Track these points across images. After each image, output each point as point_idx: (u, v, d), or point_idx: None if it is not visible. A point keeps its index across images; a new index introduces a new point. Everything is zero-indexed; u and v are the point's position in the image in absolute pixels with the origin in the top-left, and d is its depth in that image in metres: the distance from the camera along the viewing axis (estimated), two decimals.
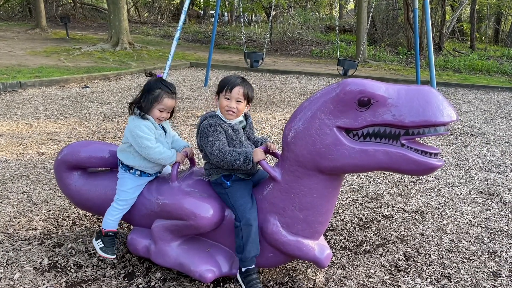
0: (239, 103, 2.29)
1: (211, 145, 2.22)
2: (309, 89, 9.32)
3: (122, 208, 2.46)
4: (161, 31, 22.14)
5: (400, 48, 17.00)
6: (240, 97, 2.28)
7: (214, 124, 2.25)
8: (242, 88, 2.28)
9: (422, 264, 2.71)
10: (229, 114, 2.29)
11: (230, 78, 2.32)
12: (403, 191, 3.87)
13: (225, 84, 2.28)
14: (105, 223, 2.48)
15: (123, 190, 2.45)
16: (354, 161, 2.03)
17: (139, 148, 2.35)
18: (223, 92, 2.28)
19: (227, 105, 2.26)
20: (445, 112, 1.92)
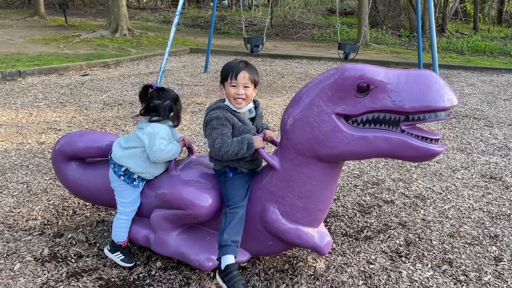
0: (247, 88, 2.19)
1: (214, 138, 2.16)
2: (310, 74, 9.23)
3: (129, 218, 2.46)
4: (161, 17, 21.92)
5: (403, 30, 16.79)
6: (246, 82, 2.18)
7: (220, 117, 2.16)
8: (247, 72, 2.18)
9: (423, 249, 2.70)
10: (238, 102, 2.19)
11: (233, 64, 2.22)
12: (404, 176, 3.84)
13: (229, 71, 2.18)
14: (117, 236, 2.45)
15: (128, 202, 2.43)
16: (354, 148, 2.00)
17: (154, 151, 2.28)
18: (228, 80, 2.17)
19: (235, 93, 2.17)
20: (446, 96, 1.88)
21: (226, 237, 2.15)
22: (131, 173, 2.38)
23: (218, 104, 2.24)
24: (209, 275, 2.39)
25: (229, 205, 2.20)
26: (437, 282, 2.37)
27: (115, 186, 2.44)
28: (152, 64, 9.83)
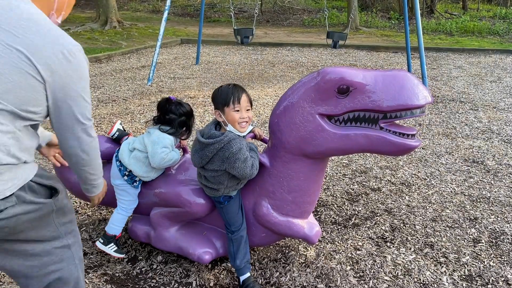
0: (248, 111, 2.23)
1: (251, 164, 2.19)
2: (301, 62, 9.34)
3: (129, 214, 2.62)
4: (150, 6, 21.78)
5: (392, 13, 16.84)
6: (248, 105, 2.22)
7: (242, 147, 2.15)
8: (247, 95, 2.23)
9: (407, 234, 2.88)
10: (242, 125, 2.20)
11: (228, 89, 2.22)
12: (391, 164, 4.02)
13: (229, 97, 2.17)
14: (112, 229, 2.59)
15: (130, 200, 2.59)
16: (337, 145, 2.16)
17: (156, 159, 2.42)
18: (230, 106, 2.16)
19: (240, 117, 2.17)
20: (420, 95, 2.03)
21: (239, 262, 2.36)
22: (134, 175, 2.53)
23: (230, 136, 2.15)
24: (207, 267, 2.56)
25: (232, 231, 2.36)
26: (419, 264, 2.56)
27: (117, 184, 2.57)
28: (144, 57, 9.89)
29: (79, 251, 1.79)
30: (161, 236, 2.57)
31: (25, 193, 1.46)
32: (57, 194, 1.57)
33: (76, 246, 1.77)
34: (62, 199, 1.62)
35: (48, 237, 1.63)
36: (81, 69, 1.49)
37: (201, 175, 2.31)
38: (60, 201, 1.60)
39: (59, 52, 1.42)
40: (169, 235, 2.56)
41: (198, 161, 2.23)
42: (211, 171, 2.22)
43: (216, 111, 2.23)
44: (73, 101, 1.48)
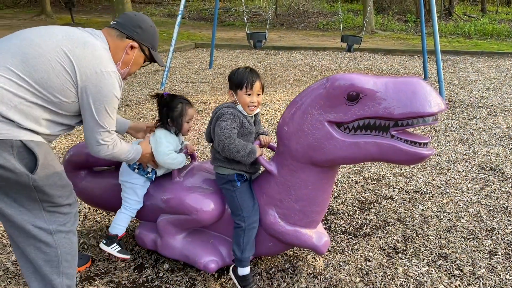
0: (259, 96, 2.37)
1: (224, 127, 2.24)
2: (315, 65, 9.27)
3: (133, 214, 2.59)
4: (166, 11, 21.97)
5: (409, 15, 16.63)
6: (259, 90, 2.35)
7: (233, 113, 2.29)
8: (260, 81, 2.35)
9: (420, 245, 2.79)
10: (251, 109, 2.35)
11: (244, 72, 2.35)
12: (404, 171, 3.92)
13: (243, 81, 2.31)
14: (116, 229, 2.57)
15: (134, 199, 2.56)
16: (346, 153, 2.10)
17: (158, 154, 2.45)
18: (243, 89, 2.31)
19: (250, 101, 2.32)
20: (433, 102, 1.96)
21: (247, 254, 2.33)
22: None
23: (230, 105, 2.37)
24: (214, 276, 2.52)
25: (244, 217, 2.30)
26: (432, 277, 2.47)
27: (124, 181, 2.57)
28: None
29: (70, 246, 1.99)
30: (167, 244, 2.54)
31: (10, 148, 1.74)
32: (36, 168, 1.80)
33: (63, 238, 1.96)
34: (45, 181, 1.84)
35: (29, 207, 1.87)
36: (110, 87, 1.94)
37: (213, 151, 2.41)
38: (40, 180, 1.82)
39: (98, 68, 1.91)
40: (175, 243, 2.53)
41: (207, 135, 2.44)
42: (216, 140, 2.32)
43: (230, 91, 2.38)
44: (97, 108, 1.93)
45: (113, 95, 1.96)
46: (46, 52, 1.83)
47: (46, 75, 1.81)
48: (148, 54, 2.26)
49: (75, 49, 1.88)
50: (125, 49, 2.13)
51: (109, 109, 1.96)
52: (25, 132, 1.80)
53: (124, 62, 2.17)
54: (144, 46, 2.22)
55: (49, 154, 1.91)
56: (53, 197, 1.90)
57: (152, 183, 2.61)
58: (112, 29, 2.15)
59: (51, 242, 1.92)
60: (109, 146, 2.07)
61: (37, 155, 1.81)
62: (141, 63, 2.27)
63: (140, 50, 2.21)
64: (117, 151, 2.14)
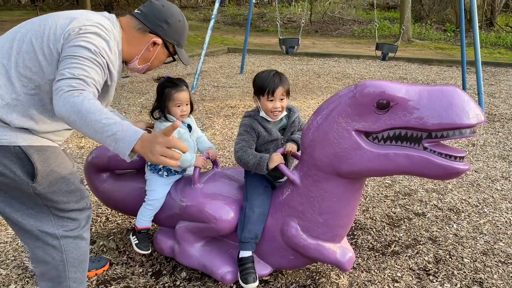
0: (282, 100, 2.31)
1: (237, 142, 2.33)
2: (348, 73, 9.08)
3: (152, 207, 2.53)
4: (201, 15, 22.24)
5: (448, 25, 16.13)
6: (283, 95, 2.30)
7: (247, 124, 2.32)
8: (282, 87, 2.29)
9: (453, 267, 2.60)
10: (275, 114, 2.32)
11: (267, 77, 2.30)
12: (438, 187, 3.71)
13: (265, 87, 2.27)
14: (138, 222, 2.56)
15: (152, 190, 2.52)
16: (374, 165, 1.96)
17: None
18: (265, 96, 2.28)
19: (273, 107, 2.29)
20: (471, 113, 1.80)
21: (247, 235, 2.27)
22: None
23: (250, 113, 2.39)
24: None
25: (247, 199, 2.32)
26: None
27: (146, 176, 2.57)
28: (190, 65, 9.98)
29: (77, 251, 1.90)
30: (185, 252, 2.47)
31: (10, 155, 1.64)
32: (36, 177, 1.70)
33: (71, 243, 1.87)
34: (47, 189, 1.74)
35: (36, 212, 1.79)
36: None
37: None
38: (43, 188, 1.72)
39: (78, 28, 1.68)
40: (193, 251, 2.46)
41: None
42: None
43: (254, 96, 2.37)
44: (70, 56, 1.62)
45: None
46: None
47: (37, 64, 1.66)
48: (172, 51, 2.05)
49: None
50: (146, 45, 1.94)
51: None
52: (24, 136, 1.69)
53: (144, 58, 1.99)
54: (169, 43, 2.01)
55: (55, 158, 1.79)
56: (58, 203, 1.81)
57: (174, 187, 2.54)
58: (134, 19, 1.95)
59: (58, 246, 1.84)
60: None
61: (35, 163, 1.69)
62: (163, 60, 2.09)
63: (164, 46, 2.01)
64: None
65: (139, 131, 1.46)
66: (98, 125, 1.44)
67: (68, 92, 1.48)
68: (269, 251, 2.36)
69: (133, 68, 2.06)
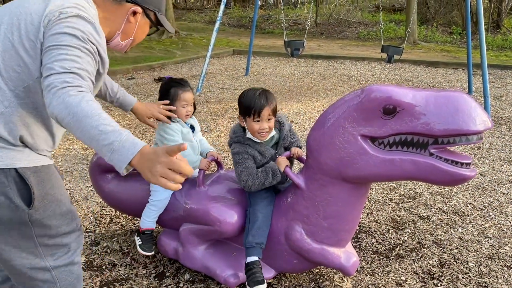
0: (270, 121, 2.21)
1: (240, 172, 2.25)
2: (353, 76, 9.06)
3: (156, 208, 2.54)
4: (207, 17, 22.29)
5: (454, 27, 16.07)
6: (269, 114, 2.19)
7: (241, 151, 2.24)
8: (269, 106, 2.18)
9: (457, 271, 2.59)
10: (262, 135, 2.22)
11: (252, 97, 2.18)
12: (443, 190, 3.69)
13: (250, 107, 2.16)
14: (142, 223, 2.58)
15: (156, 190, 2.53)
16: (380, 170, 1.96)
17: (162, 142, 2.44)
18: (251, 116, 2.18)
19: (260, 128, 2.19)
20: (478, 119, 1.80)
21: (251, 239, 2.24)
22: None
23: (237, 138, 2.29)
24: None
25: (250, 203, 2.30)
26: None
27: None
28: (195, 67, 10.03)
29: (70, 277, 1.67)
30: (188, 254, 2.47)
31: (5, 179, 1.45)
32: (33, 202, 1.49)
33: (63, 271, 1.65)
34: (43, 213, 1.53)
35: (22, 247, 1.54)
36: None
37: None
38: (38, 214, 1.52)
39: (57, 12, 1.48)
40: (197, 253, 2.46)
41: None
42: None
43: (239, 116, 2.29)
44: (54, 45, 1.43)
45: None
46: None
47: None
48: (154, 20, 1.83)
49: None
50: (126, 16, 1.72)
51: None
52: (20, 156, 1.49)
53: (125, 32, 1.76)
54: (149, 10, 1.79)
55: (48, 179, 1.58)
56: (51, 228, 1.58)
57: None
58: None
59: (49, 278, 1.62)
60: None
61: (32, 186, 1.49)
62: (147, 31, 1.85)
63: (145, 15, 1.78)
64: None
65: (138, 144, 1.30)
66: (94, 131, 1.30)
67: (63, 90, 1.33)
68: (273, 254, 2.36)
69: (115, 46, 1.83)
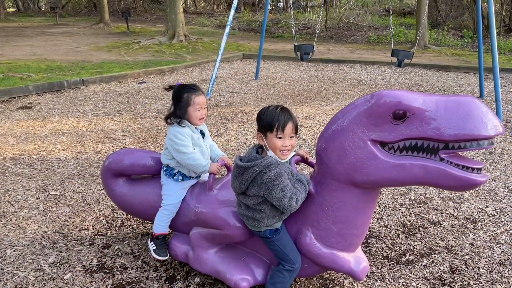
0: (292, 138, 2.10)
1: (288, 196, 2.03)
2: (363, 80, 9.04)
3: (169, 212, 2.56)
4: (217, 21, 22.41)
5: (465, 31, 15.95)
6: (292, 132, 2.09)
7: (282, 173, 2.03)
8: (292, 123, 2.08)
9: (469, 278, 2.57)
10: (284, 153, 2.09)
11: (274, 113, 2.07)
12: (455, 195, 3.67)
13: (274, 123, 2.04)
14: (155, 227, 2.60)
15: (168, 194, 2.55)
16: (390, 175, 1.96)
17: (175, 153, 2.49)
18: (273, 132, 2.05)
19: (282, 145, 2.06)
20: (489, 124, 1.79)
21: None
22: (172, 168, 2.56)
23: (270, 160, 2.05)
24: None
25: (292, 259, 2.21)
26: None
27: (162, 180, 2.62)
28: (205, 71, 10.08)
29: None
30: (199, 257, 2.49)
31: None
32: None
33: None
34: None
35: None
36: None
37: (241, 204, 2.20)
38: None
39: None
40: (207, 257, 2.47)
41: (237, 187, 2.14)
42: (250, 198, 2.11)
43: (259, 133, 2.13)
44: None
45: None
46: None
47: None
48: None
49: None
50: None
51: None
52: None
53: None
54: None
55: None
56: None
57: (189, 192, 2.57)
58: None
59: None
60: None
61: None
62: None
63: None
64: None
65: None
66: None
67: None
68: None
69: None
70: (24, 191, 3.73)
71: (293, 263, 2.21)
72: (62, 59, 10.85)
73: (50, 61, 10.39)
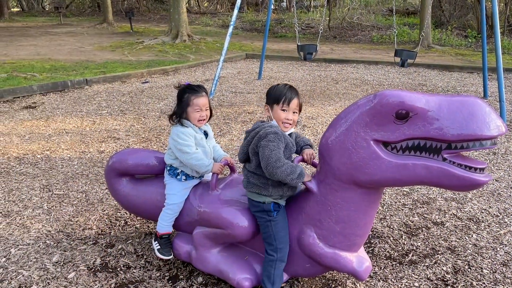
0: (295, 114, 2.27)
1: (271, 149, 2.12)
2: (366, 79, 9.03)
3: (172, 212, 2.57)
4: (220, 21, 22.42)
5: (469, 30, 15.90)
6: (296, 108, 2.27)
7: (279, 133, 2.20)
8: (298, 99, 2.27)
9: (472, 278, 2.56)
10: (285, 126, 2.26)
11: (283, 89, 2.27)
12: (458, 196, 3.66)
13: (281, 96, 2.24)
14: (159, 227, 2.60)
15: (171, 194, 2.56)
16: (392, 175, 1.96)
17: (178, 153, 2.49)
18: (279, 104, 2.23)
19: (285, 117, 2.24)
20: (492, 124, 1.79)
21: (277, 286, 2.27)
22: (175, 168, 2.57)
23: (272, 123, 2.25)
24: None
25: (278, 249, 2.23)
26: None
27: (165, 180, 2.63)
28: (209, 70, 10.10)
29: None
30: (202, 257, 2.50)
31: None
32: None
33: None
34: None
35: None
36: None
37: (247, 174, 2.30)
38: None
39: None
40: (210, 257, 2.48)
41: (242, 150, 2.31)
42: (252, 161, 2.26)
43: (266, 105, 2.32)
44: None
45: None
46: None
47: None
48: None
49: None
50: None
51: None
52: None
53: None
54: None
55: None
56: None
57: (193, 192, 2.58)
58: None
59: None
60: None
61: None
62: None
63: None
64: None
65: None
66: None
67: None
68: None
69: None
70: (28, 190, 3.75)
71: (275, 251, 2.23)
72: (66, 59, 10.89)
73: (54, 61, 10.43)
